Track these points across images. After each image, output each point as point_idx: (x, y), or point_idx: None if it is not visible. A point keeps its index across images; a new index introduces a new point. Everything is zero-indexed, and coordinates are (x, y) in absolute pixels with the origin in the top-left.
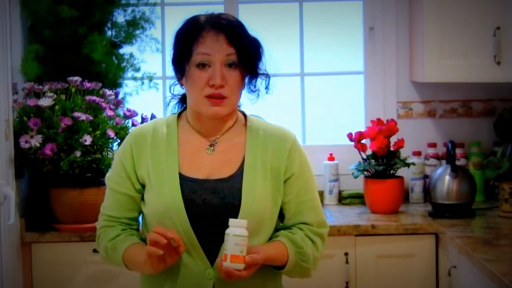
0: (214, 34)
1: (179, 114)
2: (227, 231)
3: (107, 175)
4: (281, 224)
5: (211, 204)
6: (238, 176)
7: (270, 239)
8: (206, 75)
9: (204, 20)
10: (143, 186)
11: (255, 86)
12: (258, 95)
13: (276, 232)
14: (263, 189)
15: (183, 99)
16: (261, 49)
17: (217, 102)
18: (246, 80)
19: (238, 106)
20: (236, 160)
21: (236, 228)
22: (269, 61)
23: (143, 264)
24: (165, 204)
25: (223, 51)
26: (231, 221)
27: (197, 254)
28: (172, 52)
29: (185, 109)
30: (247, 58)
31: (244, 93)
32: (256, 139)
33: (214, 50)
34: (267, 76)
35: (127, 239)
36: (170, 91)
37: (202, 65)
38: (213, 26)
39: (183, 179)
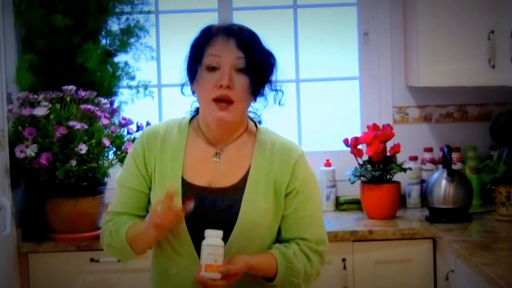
0: (225, 38)
1: (192, 118)
2: (203, 242)
3: (118, 175)
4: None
5: (210, 212)
6: (240, 186)
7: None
8: (215, 77)
9: (217, 27)
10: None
11: (263, 95)
12: (266, 104)
13: (270, 246)
14: (264, 202)
15: None
16: (273, 61)
17: (223, 106)
18: (256, 90)
19: (258, 120)
20: (240, 170)
21: (211, 238)
22: (283, 73)
23: (146, 230)
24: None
25: (233, 54)
26: (207, 231)
27: (192, 261)
28: (186, 59)
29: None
30: (257, 64)
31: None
32: (263, 152)
33: (224, 52)
34: (280, 90)
35: (130, 221)
36: (181, 92)
37: (212, 68)
38: (224, 32)
39: (186, 184)
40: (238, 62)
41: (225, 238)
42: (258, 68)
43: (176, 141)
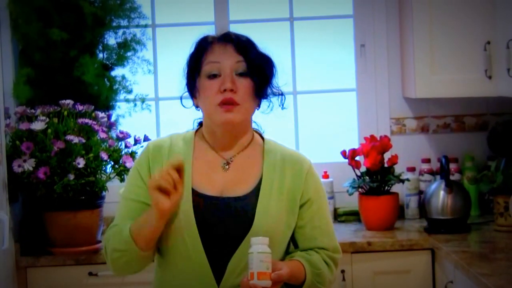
0: (222, 44)
1: (196, 131)
2: (250, 250)
3: (121, 190)
4: (294, 248)
5: (222, 222)
6: (252, 195)
7: (282, 260)
8: (217, 83)
9: (212, 36)
10: None
11: (266, 98)
12: (272, 108)
13: (291, 254)
14: (277, 211)
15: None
16: (271, 64)
17: (229, 108)
18: (259, 93)
19: (260, 132)
20: (251, 178)
21: (259, 245)
22: (283, 78)
23: (149, 213)
24: (177, 219)
25: (232, 58)
26: (253, 239)
27: (205, 272)
28: (184, 74)
29: (201, 126)
30: (257, 67)
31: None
32: (273, 161)
33: (223, 58)
34: (281, 94)
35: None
36: (181, 104)
37: (212, 76)
38: (221, 39)
39: (196, 194)
40: (238, 65)
41: (237, 247)
42: (259, 70)
43: (183, 153)
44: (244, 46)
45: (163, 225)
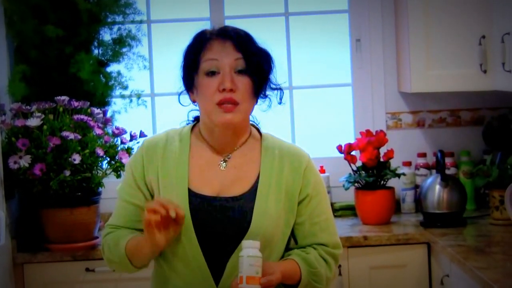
0: (221, 41)
1: (193, 127)
2: (241, 253)
3: (118, 186)
4: (295, 244)
5: (220, 223)
6: (250, 195)
7: (281, 258)
8: (215, 81)
9: (211, 31)
10: (152, 197)
11: (265, 94)
12: (270, 105)
13: (289, 251)
14: (275, 210)
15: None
16: (270, 60)
17: (229, 108)
18: (258, 90)
19: (257, 125)
20: (249, 177)
21: (249, 249)
22: (280, 73)
23: (144, 243)
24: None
25: (231, 56)
26: (244, 242)
27: (203, 273)
28: (181, 68)
29: (198, 121)
30: (256, 64)
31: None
32: (271, 158)
33: (222, 55)
34: (279, 89)
35: (130, 234)
36: (179, 102)
37: (211, 73)
38: (219, 35)
39: (193, 195)
40: (237, 63)
41: (235, 247)
42: (258, 67)
43: (179, 151)
44: (243, 43)
45: (157, 254)
